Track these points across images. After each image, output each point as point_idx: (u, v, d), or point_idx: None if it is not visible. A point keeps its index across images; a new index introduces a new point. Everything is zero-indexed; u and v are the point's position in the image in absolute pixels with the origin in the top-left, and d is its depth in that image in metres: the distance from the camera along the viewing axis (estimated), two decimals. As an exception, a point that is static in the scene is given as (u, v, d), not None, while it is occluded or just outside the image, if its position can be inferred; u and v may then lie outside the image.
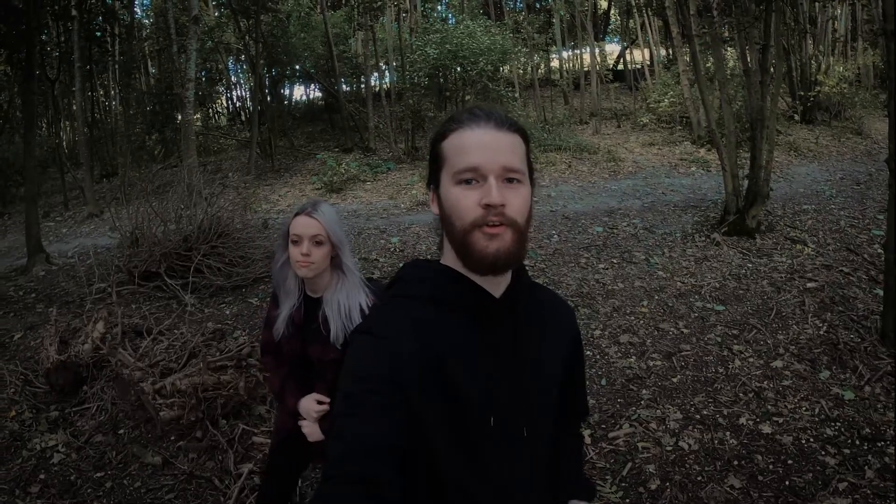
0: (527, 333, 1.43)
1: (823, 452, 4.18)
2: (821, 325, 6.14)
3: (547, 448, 1.52)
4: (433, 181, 1.39)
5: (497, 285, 1.39)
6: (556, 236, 10.18)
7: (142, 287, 7.82)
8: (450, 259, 1.39)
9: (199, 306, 7.54)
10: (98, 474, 4.23)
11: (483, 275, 1.33)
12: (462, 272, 1.36)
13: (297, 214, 2.57)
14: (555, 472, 1.59)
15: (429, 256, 9.17)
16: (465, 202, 1.27)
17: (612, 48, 31.96)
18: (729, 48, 16.10)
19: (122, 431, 4.62)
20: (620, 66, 29.36)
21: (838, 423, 4.50)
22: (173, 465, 4.23)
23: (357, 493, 1.11)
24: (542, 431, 1.48)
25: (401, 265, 1.51)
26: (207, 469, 4.16)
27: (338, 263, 2.62)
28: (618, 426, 4.66)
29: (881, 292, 6.19)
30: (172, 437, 4.41)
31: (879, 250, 8.00)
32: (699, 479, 4.01)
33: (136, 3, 22.81)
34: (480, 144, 1.28)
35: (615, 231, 10.26)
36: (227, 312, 7.42)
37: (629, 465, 4.17)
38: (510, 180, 1.29)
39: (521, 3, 29.14)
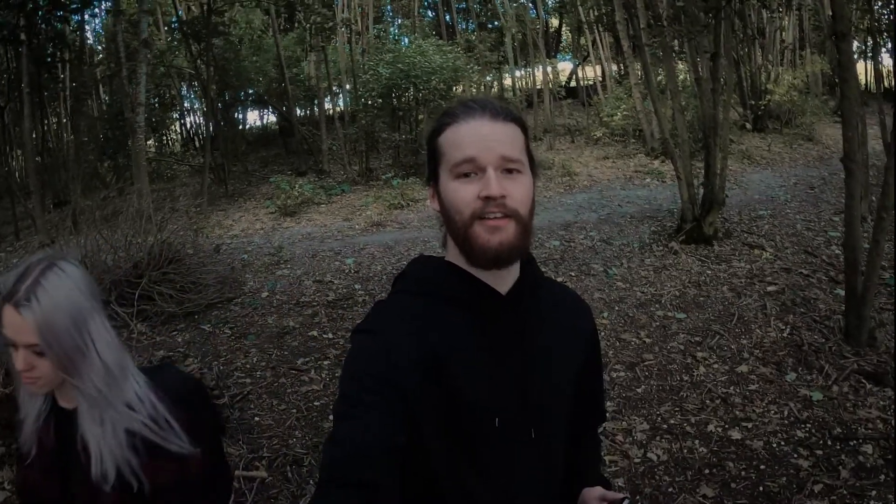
0: (535, 331, 1.38)
1: (796, 455, 4.10)
2: (784, 327, 6.10)
3: (559, 451, 1.46)
4: (432, 178, 1.36)
5: (502, 281, 1.35)
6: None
7: (90, 316, 7.56)
8: (453, 256, 1.36)
9: (151, 334, 7.28)
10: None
11: (486, 269, 1.29)
12: (466, 268, 1.33)
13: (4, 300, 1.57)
14: (570, 475, 1.53)
15: (383, 277, 9.05)
16: (465, 195, 1.25)
17: (565, 66, 32.22)
18: (680, 61, 16.25)
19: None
20: (573, 83, 29.60)
21: (809, 425, 4.43)
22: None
23: (353, 497, 1.08)
24: (553, 434, 1.42)
25: (406, 263, 1.49)
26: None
27: (76, 369, 1.58)
28: (583, 439, 4.52)
29: (842, 292, 6.19)
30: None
31: (837, 251, 8.08)
32: (670, 490, 3.91)
33: (87, 28, 22.47)
34: (477, 136, 1.26)
35: (572, 244, 10.18)
36: (179, 339, 7.18)
37: (596, 478, 4.02)
38: (510, 171, 1.26)
39: (472, 22, 29.27)
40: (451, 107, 1.35)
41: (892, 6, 13.34)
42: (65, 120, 22.05)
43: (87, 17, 20.37)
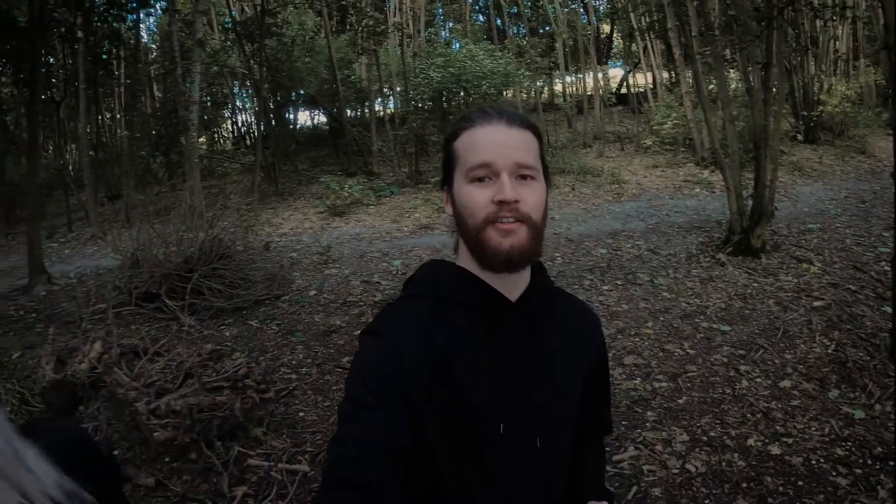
0: (543, 338, 1.39)
1: (834, 473, 4.08)
2: (829, 343, 6.05)
3: (563, 456, 1.46)
4: (446, 181, 1.39)
5: (513, 288, 1.37)
6: (559, 258, 10.12)
7: (142, 308, 7.79)
8: (465, 260, 1.37)
9: (199, 328, 7.49)
10: (90, 495, 4.12)
11: (498, 272, 1.31)
12: (477, 274, 1.34)
13: None
14: (573, 485, 1.53)
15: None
16: (478, 199, 1.27)
17: (616, 72, 32.05)
18: (731, 69, 16.11)
19: (116, 452, 4.52)
20: (624, 90, 29.42)
21: (849, 443, 4.40)
22: (167, 487, 4.12)
23: (356, 498, 1.09)
24: (557, 439, 1.42)
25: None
26: (201, 491, 4.06)
27: None
28: (623, 449, 4.57)
29: (889, 310, 6.11)
30: (166, 459, 4.32)
31: (886, 267, 7.93)
32: (707, 502, 3.92)
33: (142, 26, 22.94)
34: (492, 141, 1.29)
35: (619, 253, 10.19)
36: (227, 334, 7.37)
37: (635, 488, 4.08)
38: (524, 177, 1.29)
39: (523, 27, 29.24)
40: (468, 112, 1.39)
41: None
42: (119, 116, 22.52)
43: (142, 15, 20.80)
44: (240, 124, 28.03)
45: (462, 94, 17.34)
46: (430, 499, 1.27)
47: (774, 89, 9.35)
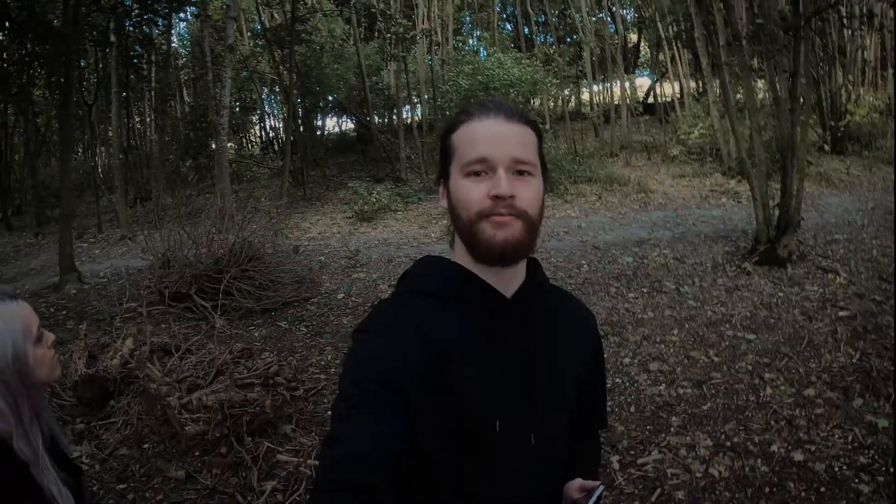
0: (539, 337, 1.38)
1: (857, 480, 4.09)
2: (853, 353, 6.04)
3: (560, 454, 1.46)
4: (443, 175, 1.38)
5: (507, 283, 1.35)
6: (585, 266, 10.15)
7: (172, 307, 7.89)
8: (459, 256, 1.36)
9: (229, 328, 7.59)
10: (121, 486, 4.24)
11: (491, 265, 1.29)
12: (472, 269, 1.33)
13: None
14: (569, 479, 1.48)
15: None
16: (474, 194, 1.25)
17: (643, 81, 32.03)
18: (759, 79, 16.06)
19: (146, 446, 4.63)
20: (651, 99, 29.39)
21: (872, 451, 4.41)
22: (196, 480, 4.23)
23: (349, 500, 1.07)
24: (554, 440, 1.41)
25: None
26: (230, 485, 4.15)
27: None
28: (647, 452, 4.60)
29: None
30: (197, 453, 4.42)
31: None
32: (729, 506, 3.94)
33: (173, 32, 23.24)
34: (490, 135, 1.27)
35: (645, 261, 10.20)
36: (256, 334, 7.48)
37: (658, 491, 4.11)
38: (521, 172, 1.27)
39: (551, 36, 29.30)
40: (466, 105, 1.38)
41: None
42: (149, 119, 22.80)
43: (173, 21, 21.08)
44: (268, 129, 28.26)
45: (490, 101, 17.39)
46: (426, 497, 1.25)
47: (801, 99, 9.33)
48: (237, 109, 24.04)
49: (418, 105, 24.14)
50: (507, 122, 1.29)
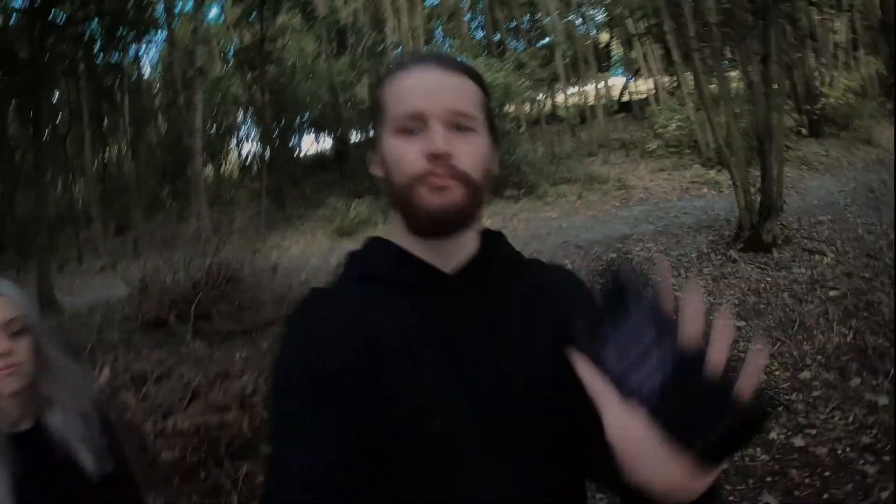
0: (493, 317, 1.13)
1: (862, 461, 3.98)
2: (847, 332, 5.94)
3: (537, 455, 1.11)
4: (375, 139, 1.18)
5: (448, 258, 1.14)
6: (568, 265, 10.01)
7: (151, 334, 7.78)
8: (394, 231, 1.17)
9: (209, 351, 7.44)
10: (100, 519, 4.07)
11: (426, 236, 1.11)
12: (405, 245, 1.14)
13: None
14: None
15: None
16: (406, 154, 1.07)
17: (617, 80, 32.16)
18: (732, 69, 16.09)
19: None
20: (626, 98, 29.48)
21: (875, 430, 4.29)
22: (176, 509, 4.07)
23: None
24: (526, 439, 1.10)
25: None
26: (211, 511, 4.02)
27: (44, 358, 1.64)
28: (642, 447, 4.48)
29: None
30: (176, 480, 4.28)
31: (901, 253, 7.85)
32: (731, 497, 3.85)
33: (144, 58, 23.24)
34: (422, 86, 1.09)
35: (629, 256, 10.11)
36: (237, 357, 7.30)
37: (656, 485, 3.98)
38: (460, 128, 1.07)
39: (522, 41, 29.36)
40: (401, 58, 1.23)
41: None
42: (125, 147, 22.76)
43: (143, 47, 21.04)
44: (245, 152, 28.22)
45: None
46: None
47: (776, 83, 9.30)
48: (212, 133, 23.96)
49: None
50: (441, 71, 1.10)
